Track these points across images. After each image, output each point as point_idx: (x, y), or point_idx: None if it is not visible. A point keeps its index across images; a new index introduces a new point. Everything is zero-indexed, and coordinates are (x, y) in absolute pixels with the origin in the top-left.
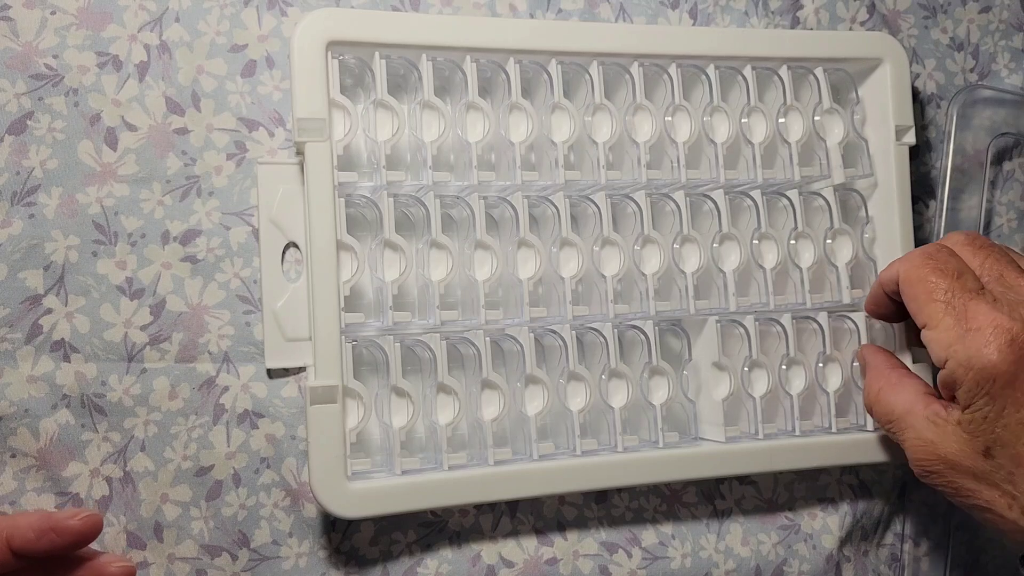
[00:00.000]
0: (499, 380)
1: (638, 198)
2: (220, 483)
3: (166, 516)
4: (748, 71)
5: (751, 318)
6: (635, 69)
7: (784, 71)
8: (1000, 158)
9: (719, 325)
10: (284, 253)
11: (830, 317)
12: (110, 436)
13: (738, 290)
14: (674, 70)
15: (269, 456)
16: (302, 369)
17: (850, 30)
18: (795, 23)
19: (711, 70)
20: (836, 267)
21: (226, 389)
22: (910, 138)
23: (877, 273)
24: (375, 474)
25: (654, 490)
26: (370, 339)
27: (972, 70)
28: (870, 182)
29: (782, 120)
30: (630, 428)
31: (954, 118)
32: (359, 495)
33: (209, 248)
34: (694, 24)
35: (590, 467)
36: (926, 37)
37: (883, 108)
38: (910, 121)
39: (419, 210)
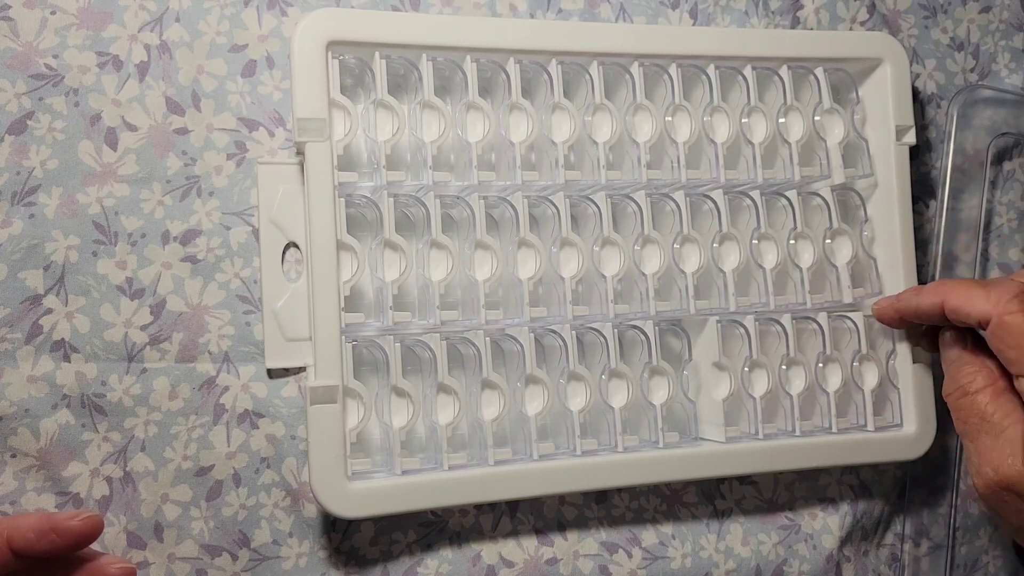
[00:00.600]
0: (499, 380)
1: (638, 198)
2: (220, 483)
3: (166, 516)
4: (748, 71)
5: (751, 318)
6: (635, 69)
7: (784, 71)
8: (1000, 158)
9: (719, 325)
10: (284, 253)
11: (830, 317)
12: (110, 436)
13: (738, 290)
14: (674, 70)
15: (269, 456)
16: (302, 369)
17: (850, 30)
18: (795, 23)
19: (711, 70)
20: (836, 267)
21: (226, 389)
22: (910, 138)
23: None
24: (375, 474)
25: (654, 490)
26: (370, 339)
27: (972, 70)
28: (870, 182)
29: (782, 120)
30: (630, 428)
31: (954, 118)
32: (359, 495)
33: (209, 248)
34: (694, 24)
35: (590, 467)
36: (926, 37)
37: (883, 108)
38: (910, 121)
39: (419, 210)
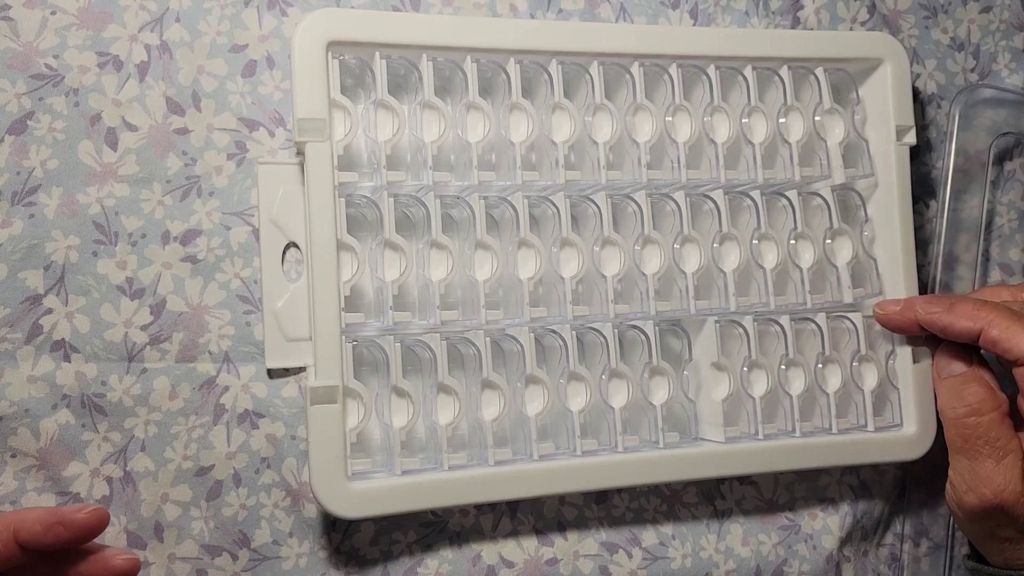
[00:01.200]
0: (499, 380)
1: (638, 198)
2: (220, 483)
3: (166, 516)
4: (748, 71)
5: (751, 318)
6: (635, 69)
7: (785, 71)
8: (1001, 158)
9: (719, 325)
10: (284, 253)
11: (828, 318)
12: (110, 436)
13: (738, 290)
14: (674, 70)
15: (269, 456)
16: (302, 369)
17: (850, 30)
18: (795, 23)
19: (711, 70)
20: (836, 267)
21: (226, 389)
22: (911, 138)
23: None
24: (375, 474)
25: (654, 490)
26: (370, 339)
27: (973, 70)
28: (871, 182)
29: (782, 120)
30: (630, 428)
31: (955, 118)
32: (359, 495)
33: (209, 248)
34: (695, 24)
35: (590, 467)
36: (927, 37)
37: (884, 108)
38: (911, 121)
39: (419, 210)
